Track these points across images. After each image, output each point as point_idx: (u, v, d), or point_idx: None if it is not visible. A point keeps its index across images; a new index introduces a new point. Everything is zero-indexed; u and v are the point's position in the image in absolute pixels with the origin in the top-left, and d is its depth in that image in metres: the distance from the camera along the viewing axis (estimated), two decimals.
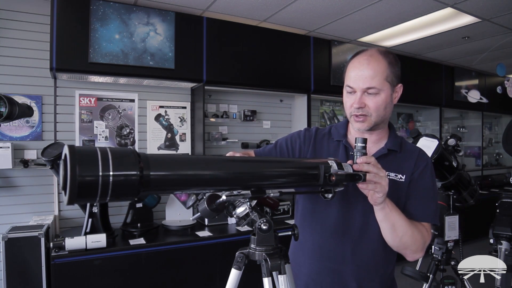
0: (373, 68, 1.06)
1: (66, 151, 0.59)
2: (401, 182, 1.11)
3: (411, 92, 4.45)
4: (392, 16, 3.19)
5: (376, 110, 1.07)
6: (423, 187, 1.12)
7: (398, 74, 1.11)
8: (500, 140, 5.20)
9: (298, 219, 1.24)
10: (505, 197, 2.27)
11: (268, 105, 3.83)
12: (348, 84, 1.10)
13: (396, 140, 1.18)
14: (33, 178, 2.75)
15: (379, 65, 1.07)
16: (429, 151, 1.81)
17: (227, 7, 2.98)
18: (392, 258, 1.16)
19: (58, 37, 2.55)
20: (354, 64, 1.10)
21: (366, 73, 1.06)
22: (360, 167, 0.93)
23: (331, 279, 1.11)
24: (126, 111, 3.11)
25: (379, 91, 1.06)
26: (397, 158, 1.13)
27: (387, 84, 1.07)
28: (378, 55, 1.08)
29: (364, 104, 1.07)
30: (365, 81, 1.06)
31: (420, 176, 1.13)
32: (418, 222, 1.09)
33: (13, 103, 1.79)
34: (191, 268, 2.64)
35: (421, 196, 1.11)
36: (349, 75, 1.10)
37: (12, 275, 2.22)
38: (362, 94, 1.07)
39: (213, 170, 0.78)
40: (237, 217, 0.87)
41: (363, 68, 1.07)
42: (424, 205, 1.11)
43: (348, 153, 1.17)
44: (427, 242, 1.09)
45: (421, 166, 1.14)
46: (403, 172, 1.12)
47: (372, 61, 1.07)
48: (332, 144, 1.20)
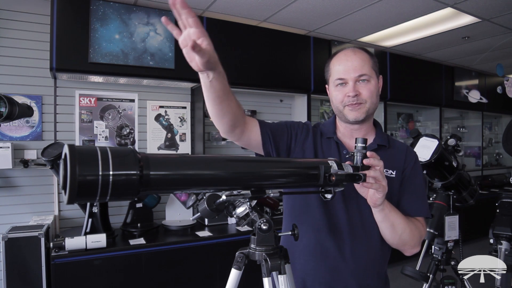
0: (360, 58, 1.11)
1: (66, 151, 0.59)
2: (392, 178, 1.12)
3: (411, 92, 4.47)
4: (392, 16, 3.19)
5: (370, 97, 1.11)
6: (416, 184, 1.15)
7: (378, 66, 1.17)
8: (500, 140, 5.19)
9: (288, 216, 1.23)
10: (505, 197, 2.27)
11: (268, 105, 3.83)
12: (338, 77, 1.12)
13: (384, 135, 1.21)
14: (33, 178, 2.75)
15: (363, 55, 1.13)
16: (429, 151, 1.81)
17: (227, 7, 2.98)
18: (388, 255, 1.18)
19: (58, 37, 2.55)
20: (340, 58, 1.14)
21: (355, 63, 1.10)
22: (372, 161, 0.93)
23: (330, 276, 1.11)
24: (126, 111, 3.11)
25: (369, 78, 1.11)
26: (386, 154, 1.14)
27: (374, 72, 1.13)
28: (359, 49, 1.15)
29: (359, 92, 1.10)
30: (356, 70, 1.09)
31: (412, 173, 1.15)
32: (414, 217, 1.12)
33: (13, 103, 1.78)
34: (191, 268, 2.64)
35: (415, 192, 1.14)
36: (337, 69, 1.13)
37: (12, 275, 2.22)
38: (354, 83, 1.10)
39: (213, 170, 0.78)
40: (237, 217, 0.87)
41: (351, 59, 1.11)
42: (418, 200, 1.14)
43: (339, 149, 1.17)
44: (423, 236, 1.13)
45: (411, 163, 1.16)
46: (393, 168, 1.14)
47: (357, 52, 1.13)
48: (325, 142, 1.20)
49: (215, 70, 0.88)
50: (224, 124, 1.03)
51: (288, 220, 1.23)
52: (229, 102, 0.99)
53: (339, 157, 1.14)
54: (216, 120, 1.04)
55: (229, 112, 1.00)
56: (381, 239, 1.11)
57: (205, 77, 0.90)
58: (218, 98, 0.96)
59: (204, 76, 0.90)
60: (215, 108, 0.99)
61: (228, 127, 1.04)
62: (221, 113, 1.00)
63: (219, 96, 0.95)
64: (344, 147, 1.17)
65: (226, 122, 1.03)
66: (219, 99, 0.96)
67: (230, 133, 1.07)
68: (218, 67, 0.88)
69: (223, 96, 0.96)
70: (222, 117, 1.01)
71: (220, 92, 0.94)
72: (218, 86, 0.92)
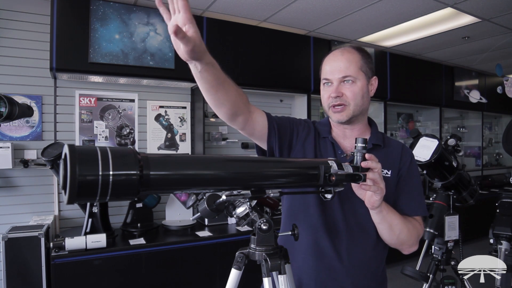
0: (347, 59, 1.11)
1: (66, 151, 0.59)
2: (387, 178, 1.12)
3: (411, 92, 4.47)
4: (392, 16, 3.19)
5: (353, 99, 1.10)
6: (412, 183, 1.15)
7: (372, 67, 1.16)
8: (500, 140, 5.19)
9: (286, 216, 1.23)
10: (505, 197, 2.27)
11: (268, 105, 3.83)
12: (325, 77, 1.14)
13: (379, 135, 1.20)
14: (33, 178, 2.75)
15: (352, 55, 1.12)
16: (429, 151, 1.81)
17: (227, 7, 2.98)
18: (384, 254, 1.17)
19: (58, 37, 2.55)
20: (329, 58, 1.16)
21: (341, 64, 1.11)
22: (370, 163, 0.92)
23: (326, 276, 1.11)
24: (126, 111, 3.11)
25: (355, 79, 1.10)
26: (381, 153, 1.13)
27: (362, 74, 1.11)
28: (351, 49, 1.14)
29: (342, 93, 1.10)
30: (341, 71, 1.10)
31: (408, 172, 1.15)
32: (411, 216, 1.12)
33: (13, 103, 1.78)
34: (191, 268, 2.64)
35: (412, 192, 1.14)
36: (324, 69, 1.15)
37: (12, 275, 2.22)
38: (338, 84, 1.11)
39: (213, 170, 0.78)
40: (237, 217, 0.87)
41: (337, 59, 1.12)
42: (415, 200, 1.14)
43: (335, 149, 1.17)
44: (420, 235, 1.13)
45: (408, 162, 1.16)
46: (388, 168, 1.13)
47: (345, 53, 1.12)
48: (322, 141, 1.20)
49: (201, 60, 0.86)
50: (223, 113, 1.02)
51: (286, 220, 1.23)
52: (226, 91, 0.97)
53: (335, 157, 1.13)
54: (215, 109, 1.02)
55: (227, 100, 0.98)
56: (377, 238, 1.11)
57: (194, 67, 0.89)
58: (212, 88, 0.94)
59: (193, 66, 0.89)
60: (211, 98, 0.98)
61: (228, 116, 1.03)
62: (217, 103, 0.99)
63: (213, 86, 0.94)
64: (339, 147, 1.17)
65: (225, 111, 1.01)
66: (214, 89, 0.95)
67: (232, 122, 1.06)
68: (205, 57, 0.86)
69: (217, 86, 0.94)
70: (219, 107, 1.00)
71: (214, 82, 0.93)
72: (209, 77, 0.91)
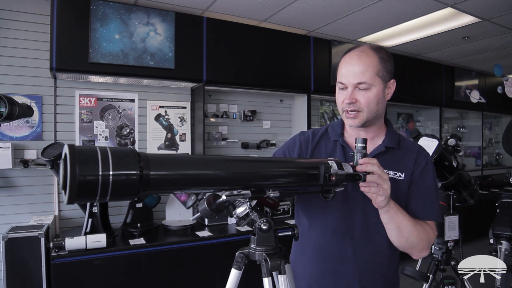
0: (364, 63, 1.06)
1: (66, 151, 0.59)
2: (400, 180, 1.10)
3: (411, 92, 4.47)
4: (392, 16, 3.19)
5: (367, 106, 1.07)
6: (425, 186, 1.11)
7: (390, 70, 1.11)
8: (500, 140, 5.20)
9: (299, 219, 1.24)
10: (505, 197, 2.27)
11: (268, 105, 3.83)
12: (340, 81, 1.10)
13: (394, 137, 1.17)
14: (33, 178, 2.75)
15: (369, 60, 1.06)
16: (429, 151, 1.80)
17: (227, 7, 2.98)
18: (395, 258, 1.15)
19: (58, 37, 2.55)
20: (345, 60, 1.10)
21: (356, 69, 1.05)
22: (364, 167, 0.92)
23: (334, 280, 1.10)
24: (126, 111, 3.11)
25: (370, 86, 1.05)
26: (395, 156, 1.12)
27: (378, 79, 1.07)
28: (369, 51, 1.08)
29: (355, 100, 1.07)
30: (356, 76, 1.05)
31: (421, 174, 1.11)
32: (423, 221, 1.09)
33: (13, 103, 1.78)
34: (191, 268, 2.64)
35: (424, 195, 1.11)
36: (340, 71, 1.11)
37: (12, 275, 2.22)
38: (353, 90, 1.07)
39: (213, 170, 0.78)
40: (237, 217, 0.87)
41: (353, 63, 1.07)
42: (428, 203, 1.10)
43: (345, 152, 1.15)
44: (432, 240, 1.10)
45: (422, 164, 1.13)
46: (402, 170, 1.11)
47: (362, 56, 1.07)
48: (330, 144, 1.19)
49: None
50: None
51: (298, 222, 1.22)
52: None
53: (344, 159, 1.12)
54: None
55: None
56: (387, 242, 1.09)
57: None
58: None
59: None
60: None
61: None
62: None
63: None
64: (351, 149, 1.14)
65: None
66: None
67: None
68: None
69: None
70: None
71: None
72: None
